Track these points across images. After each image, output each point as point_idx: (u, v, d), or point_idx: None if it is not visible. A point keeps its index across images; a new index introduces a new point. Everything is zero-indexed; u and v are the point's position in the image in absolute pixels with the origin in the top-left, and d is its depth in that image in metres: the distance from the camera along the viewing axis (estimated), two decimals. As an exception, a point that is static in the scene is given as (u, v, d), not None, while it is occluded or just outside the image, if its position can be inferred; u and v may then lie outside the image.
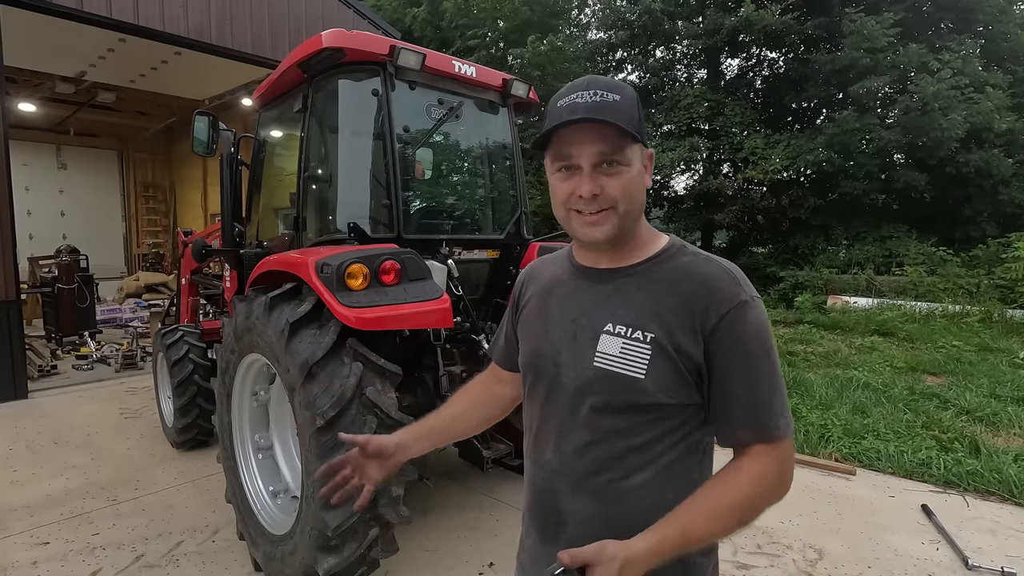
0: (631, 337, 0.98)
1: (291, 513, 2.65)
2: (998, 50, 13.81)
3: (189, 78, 9.63)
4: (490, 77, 3.38)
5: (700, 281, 0.98)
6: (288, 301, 2.50)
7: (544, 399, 1.08)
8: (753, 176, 13.22)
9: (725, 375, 0.96)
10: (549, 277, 1.16)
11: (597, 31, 17.79)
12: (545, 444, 1.08)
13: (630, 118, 0.94)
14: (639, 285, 1.02)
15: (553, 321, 1.09)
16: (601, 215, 0.97)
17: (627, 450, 1.00)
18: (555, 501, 1.06)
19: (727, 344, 0.95)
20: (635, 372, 0.96)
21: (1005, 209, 12.77)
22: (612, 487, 1.01)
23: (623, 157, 0.96)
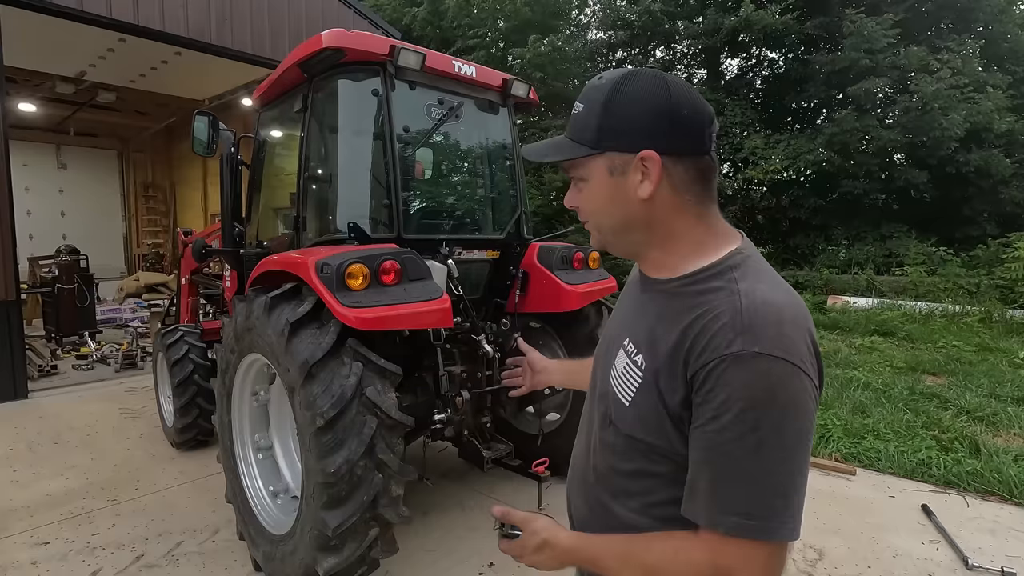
0: (633, 358, 0.91)
1: (291, 513, 2.65)
2: (998, 50, 13.81)
3: (189, 78, 9.63)
4: (490, 77, 3.38)
5: (702, 317, 0.81)
6: (288, 301, 2.50)
7: (587, 397, 1.10)
8: (753, 176, 13.22)
9: (694, 434, 0.80)
10: (633, 272, 1.08)
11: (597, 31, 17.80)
12: (578, 438, 1.11)
13: (584, 127, 0.88)
14: (657, 305, 0.91)
15: (611, 321, 1.10)
16: (586, 225, 0.98)
17: (617, 472, 0.94)
18: (570, 491, 1.10)
19: (702, 398, 0.78)
20: (624, 397, 0.90)
21: (1005, 209, 12.77)
22: (601, 501, 0.98)
23: (581, 172, 0.92)
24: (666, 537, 0.86)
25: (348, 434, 2.24)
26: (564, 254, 3.33)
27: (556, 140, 0.93)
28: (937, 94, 11.18)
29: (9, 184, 6.03)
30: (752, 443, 0.75)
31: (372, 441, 2.27)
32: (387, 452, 2.31)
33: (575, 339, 3.45)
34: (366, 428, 2.27)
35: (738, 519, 0.76)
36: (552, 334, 3.60)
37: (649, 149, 0.85)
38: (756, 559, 0.77)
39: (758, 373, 0.74)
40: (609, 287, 3.49)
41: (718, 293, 0.83)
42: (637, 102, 0.86)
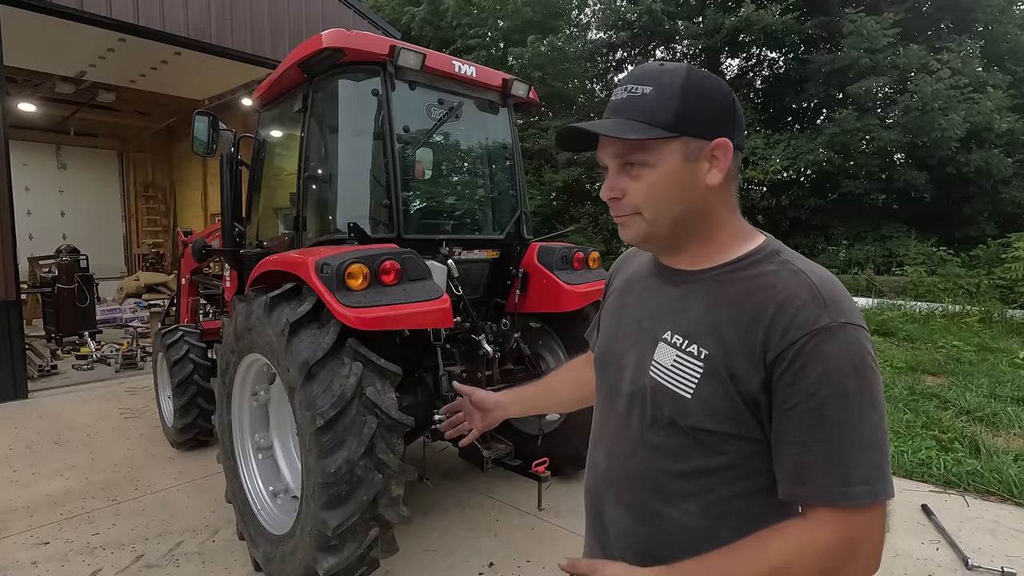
0: (685, 350, 0.88)
1: (291, 513, 2.65)
2: (998, 50, 13.82)
3: (189, 78, 9.63)
4: (490, 77, 3.38)
5: (773, 297, 0.81)
6: (288, 301, 2.50)
7: (605, 400, 1.04)
8: (753, 176, 13.23)
9: (784, 415, 0.79)
10: (633, 269, 1.09)
11: (597, 31, 17.81)
12: (598, 445, 1.05)
13: (660, 110, 0.84)
14: (705, 293, 0.90)
15: (625, 319, 1.03)
16: (628, 218, 0.92)
17: (671, 474, 0.90)
18: (601, 504, 1.03)
19: (792, 378, 0.78)
20: (682, 390, 0.87)
21: (1005, 209, 12.77)
22: (651, 508, 0.93)
23: (646, 157, 0.87)
24: (776, 534, 0.81)
25: (348, 434, 2.24)
26: (564, 254, 3.33)
27: (619, 121, 0.87)
28: (937, 94, 11.18)
29: (9, 184, 6.03)
30: (858, 410, 0.76)
31: (372, 441, 2.27)
32: (387, 452, 2.31)
33: (575, 339, 3.45)
34: (366, 428, 2.27)
35: (863, 487, 0.76)
36: (552, 334, 3.61)
37: (723, 137, 0.86)
38: (878, 521, 0.78)
39: (850, 342, 0.77)
40: (609, 287, 3.48)
41: (778, 274, 0.84)
42: (710, 91, 0.88)
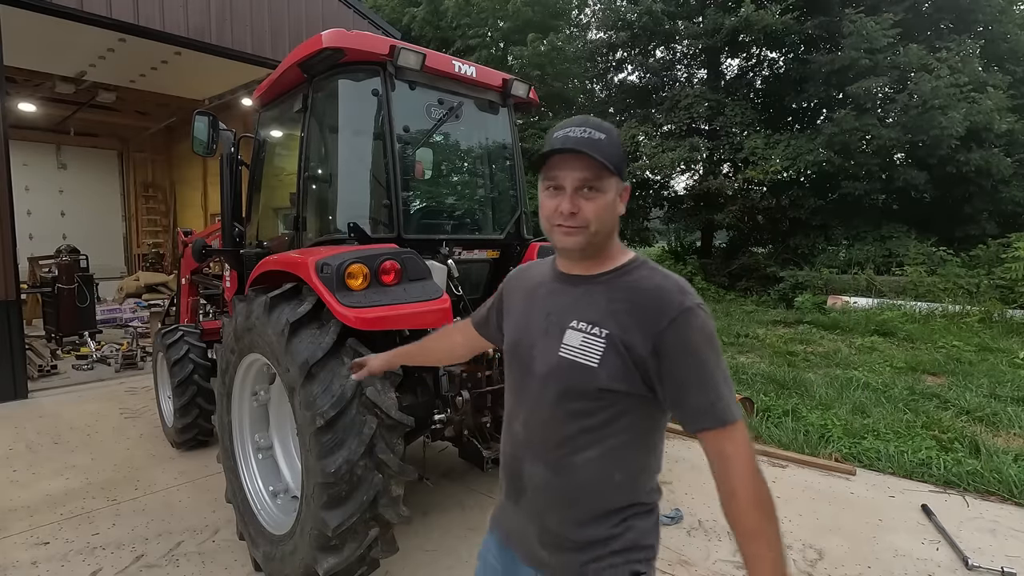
0: (590, 332, 1.15)
1: (291, 513, 2.65)
2: (998, 50, 13.81)
3: (189, 78, 9.63)
4: (490, 77, 3.38)
5: (652, 291, 1.15)
6: (288, 301, 2.50)
7: (519, 381, 1.28)
8: (753, 176, 13.22)
9: (679, 372, 1.10)
10: (535, 280, 1.35)
11: (597, 31, 17.79)
12: (515, 418, 1.28)
13: (611, 155, 1.13)
14: (603, 291, 1.19)
15: (533, 317, 1.28)
16: (575, 229, 1.15)
17: (579, 430, 1.17)
18: (518, 466, 1.26)
19: (678, 345, 1.09)
20: (590, 361, 1.13)
21: (1005, 208, 12.77)
22: (563, 461, 1.18)
23: (600, 185, 1.14)
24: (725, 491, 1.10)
25: (348, 434, 2.24)
26: None
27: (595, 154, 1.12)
28: (936, 92, 11.17)
29: (9, 184, 6.03)
30: (719, 361, 1.11)
31: (372, 441, 2.27)
32: (387, 452, 2.31)
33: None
34: (366, 428, 2.27)
35: (735, 409, 1.10)
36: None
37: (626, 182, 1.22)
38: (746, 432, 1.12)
39: (705, 317, 1.12)
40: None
41: (652, 274, 1.18)
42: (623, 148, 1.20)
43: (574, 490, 1.18)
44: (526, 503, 1.25)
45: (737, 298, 13.41)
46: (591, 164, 1.12)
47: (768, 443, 4.59)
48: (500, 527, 1.36)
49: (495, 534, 1.38)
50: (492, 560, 1.37)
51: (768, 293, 13.00)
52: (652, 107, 15.81)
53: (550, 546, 1.22)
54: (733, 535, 1.09)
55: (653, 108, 15.70)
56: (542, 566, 1.24)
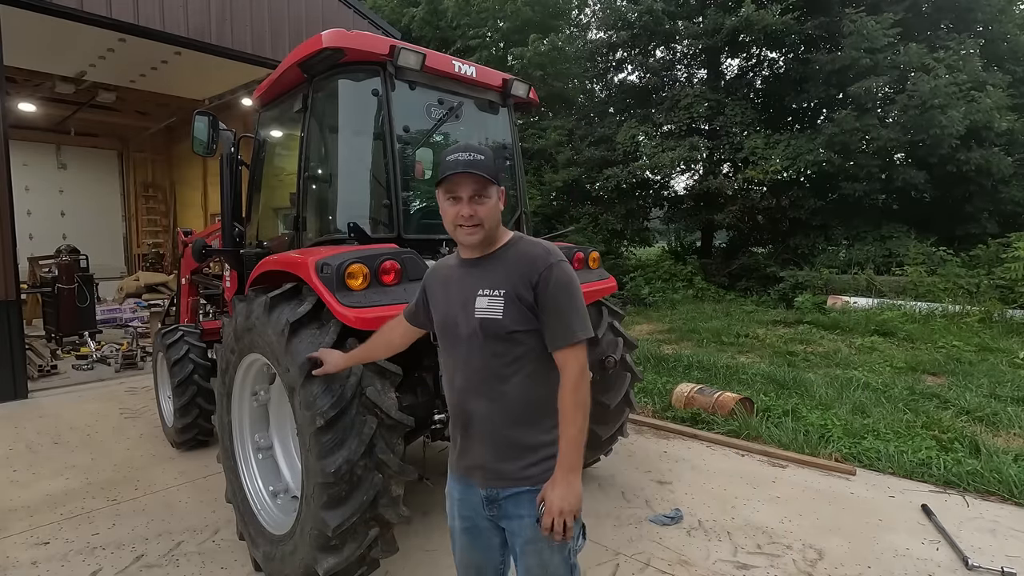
0: (492, 295, 1.57)
1: (291, 513, 2.65)
2: (998, 50, 13.79)
3: (189, 78, 9.64)
4: (490, 77, 3.38)
5: (528, 255, 1.59)
6: (288, 301, 2.50)
7: (451, 345, 1.67)
8: (753, 176, 13.20)
9: (547, 308, 1.55)
10: (446, 271, 1.75)
11: (597, 31, 17.77)
12: (454, 373, 1.66)
13: (491, 169, 1.54)
14: (495, 265, 1.61)
15: (451, 297, 1.67)
16: (475, 228, 1.56)
17: (502, 365, 1.58)
18: (465, 407, 1.63)
19: (544, 291, 1.54)
20: (496, 314, 1.55)
21: (1005, 208, 12.75)
22: (496, 390, 1.59)
23: (487, 193, 1.56)
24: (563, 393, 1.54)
25: (348, 434, 2.24)
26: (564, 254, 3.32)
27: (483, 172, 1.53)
28: (936, 92, 11.16)
29: (9, 184, 6.03)
30: (576, 298, 1.58)
31: (372, 441, 2.27)
32: (387, 452, 2.31)
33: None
34: (366, 428, 2.27)
35: (582, 332, 1.56)
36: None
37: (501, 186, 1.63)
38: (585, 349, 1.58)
39: (564, 268, 1.58)
40: (609, 287, 3.49)
41: (528, 245, 1.63)
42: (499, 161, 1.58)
43: (508, 409, 1.58)
44: (475, 431, 1.62)
45: (737, 298, 13.40)
46: (478, 179, 1.52)
47: (768, 443, 4.60)
48: (457, 467, 1.71)
49: (454, 474, 1.73)
50: (455, 494, 1.73)
51: (768, 293, 12.99)
52: (652, 107, 15.79)
53: (498, 458, 1.59)
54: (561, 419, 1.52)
55: (653, 108, 15.68)
56: (494, 480, 1.60)
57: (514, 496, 1.58)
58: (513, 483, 1.58)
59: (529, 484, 1.57)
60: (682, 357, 7.32)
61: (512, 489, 1.58)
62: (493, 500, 1.61)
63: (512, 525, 1.61)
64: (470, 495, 1.67)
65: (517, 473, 1.57)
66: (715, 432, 4.86)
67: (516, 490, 1.58)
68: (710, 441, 4.77)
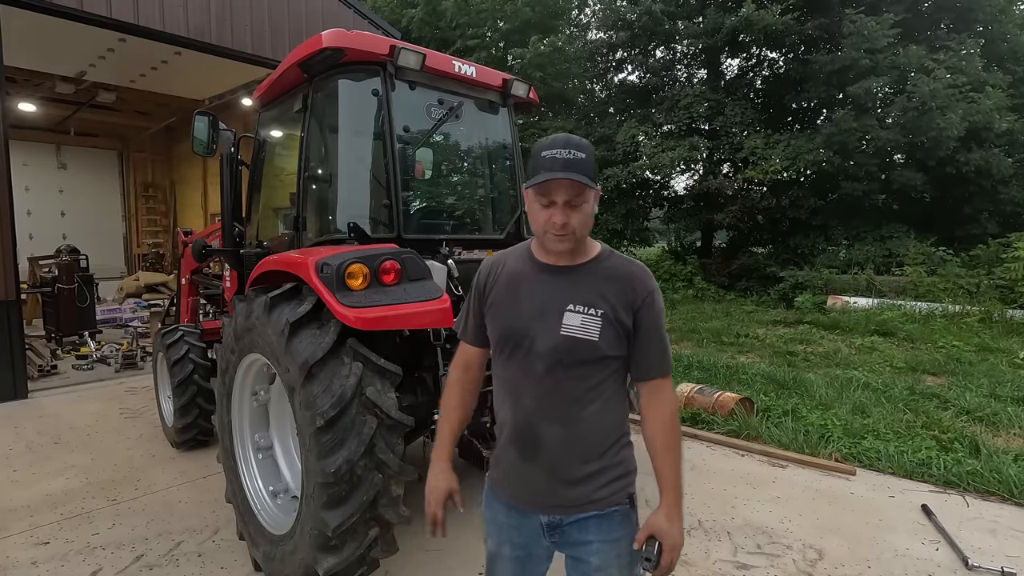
0: (587, 313, 1.42)
1: (291, 513, 2.65)
2: (998, 50, 13.80)
3: (189, 78, 9.63)
4: (490, 77, 3.38)
5: (628, 276, 1.46)
6: (288, 301, 2.50)
7: (521, 361, 1.47)
8: (753, 176, 13.21)
9: (647, 334, 1.45)
10: (512, 270, 1.54)
11: (597, 31, 17.77)
12: (523, 392, 1.48)
13: (589, 170, 1.36)
14: (587, 279, 1.45)
15: (522, 304, 1.48)
16: (566, 236, 1.40)
17: (585, 389, 1.45)
18: (534, 430, 1.47)
19: (646, 316, 1.44)
20: (591, 336, 1.41)
21: (1005, 208, 12.75)
22: (573, 415, 1.45)
23: (584, 199, 1.38)
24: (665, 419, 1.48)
25: (348, 434, 2.24)
26: None
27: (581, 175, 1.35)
28: (935, 93, 11.16)
29: (9, 184, 6.03)
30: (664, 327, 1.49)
31: (372, 441, 2.27)
32: (387, 452, 2.31)
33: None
34: (366, 428, 2.27)
35: (670, 363, 1.50)
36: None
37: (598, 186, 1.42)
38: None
39: (660, 295, 1.48)
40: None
41: (622, 262, 1.50)
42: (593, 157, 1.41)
43: (584, 437, 1.46)
44: (543, 458, 1.47)
45: (737, 298, 13.41)
46: (577, 183, 1.34)
47: (768, 443, 4.60)
48: (505, 489, 1.57)
49: (499, 498, 1.59)
50: (502, 518, 1.59)
51: (768, 293, 13.00)
52: (652, 107, 15.79)
53: (566, 485, 1.47)
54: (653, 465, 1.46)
55: (653, 108, 15.68)
56: (556, 508, 1.48)
57: (579, 522, 1.48)
58: (580, 509, 1.47)
59: (596, 508, 1.47)
60: (682, 357, 7.32)
61: (578, 515, 1.47)
62: (556, 527, 1.50)
63: (579, 551, 1.50)
64: (526, 522, 1.53)
65: (585, 498, 1.46)
66: (715, 432, 4.86)
67: (582, 516, 1.47)
68: (710, 441, 4.77)
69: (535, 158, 1.40)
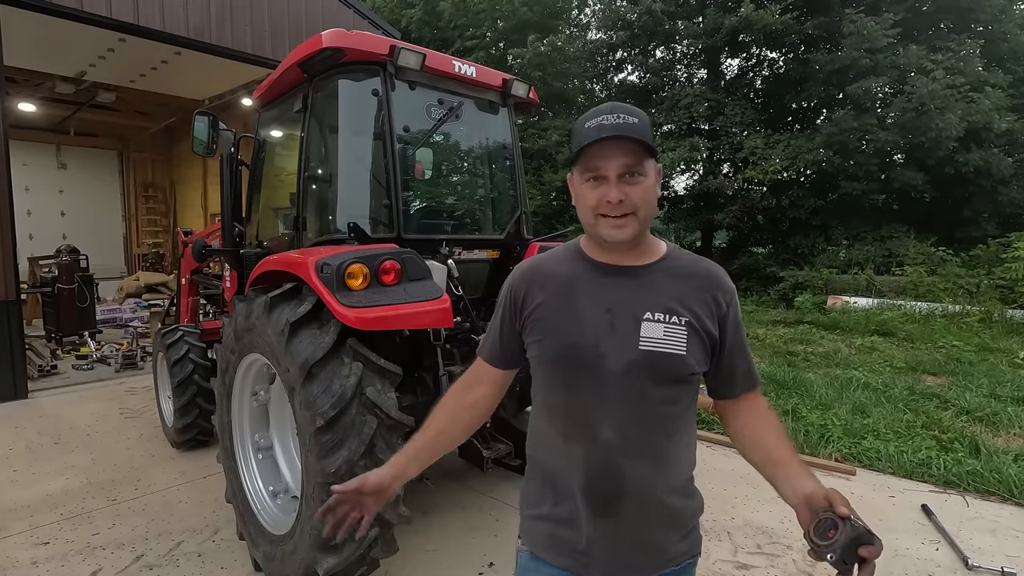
0: (670, 322, 1.16)
1: (291, 513, 2.65)
2: (998, 50, 13.80)
3: (189, 78, 9.63)
4: (490, 77, 3.38)
5: (706, 275, 1.23)
6: (288, 301, 2.50)
7: (591, 385, 1.17)
8: (753, 176, 13.22)
9: (732, 346, 1.24)
10: (563, 276, 1.25)
11: (597, 31, 17.79)
12: (600, 425, 1.17)
13: (646, 135, 1.11)
14: (660, 279, 1.20)
15: (584, 313, 1.19)
16: (625, 219, 1.13)
17: (671, 416, 1.20)
18: (617, 473, 1.16)
19: (732, 324, 1.23)
20: (678, 350, 1.15)
21: (1005, 209, 12.76)
22: (662, 449, 1.19)
23: (643, 168, 1.12)
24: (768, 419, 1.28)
25: (348, 434, 2.24)
26: None
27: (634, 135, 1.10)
28: (934, 94, 11.17)
29: (9, 184, 6.03)
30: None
31: (372, 441, 2.27)
32: (387, 452, 2.31)
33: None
34: (366, 428, 2.27)
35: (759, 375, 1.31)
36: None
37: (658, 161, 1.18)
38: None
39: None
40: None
41: (695, 260, 1.26)
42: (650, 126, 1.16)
43: (672, 474, 1.22)
44: (628, 505, 1.17)
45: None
46: (632, 148, 1.10)
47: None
48: (567, 556, 1.22)
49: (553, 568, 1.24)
50: None
51: (768, 293, 13.00)
52: (652, 107, 15.79)
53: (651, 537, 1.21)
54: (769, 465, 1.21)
55: (653, 108, 15.68)
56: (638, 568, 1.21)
57: None
58: (659, 567, 1.22)
59: (674, 564, 1.23)
60: (682, 357, 7.31)
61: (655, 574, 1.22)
62: None
63: None
64: None
65: (669, 551, 1.23)
66: (715, 432, 4.86)
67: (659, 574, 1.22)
68: (710, 441, 4.77)
69: (577, 133, 1.15)
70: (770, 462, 1.20)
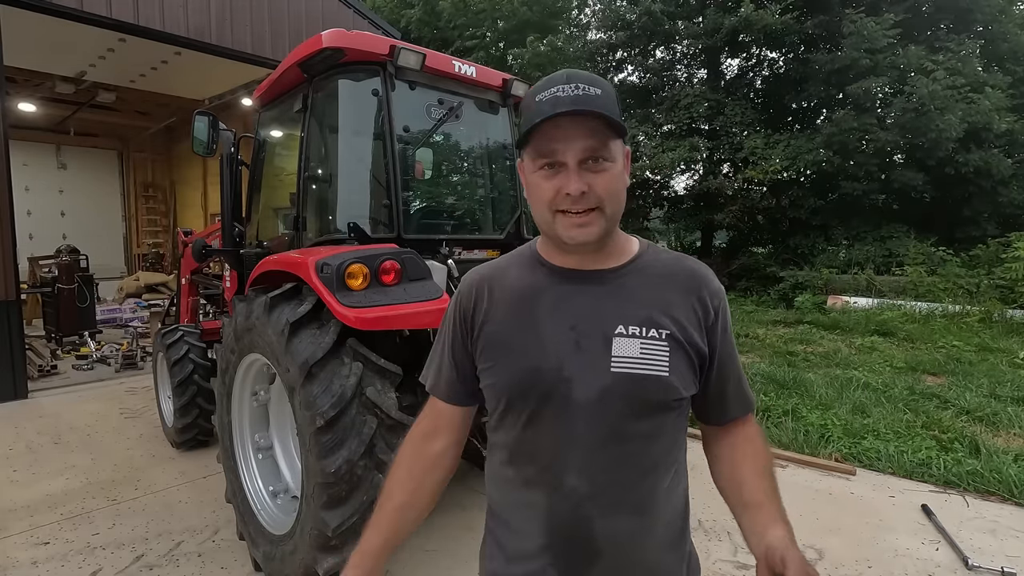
0: (647, 336, 0.94)
1: (291, 513, 2.65)
2: (998, 50, 13.80)
3: (189, 78, 9.63)
4: (490, 77, 3.38)
5: (689, 276, 1.03)
6: (288, 301, 2.50)
7: (554, 421, 0.95)
8: (753, 176, 13.22)
9: (722, 361, 1.03)
10: (515, 285, 1.03)
11: (597, 31, 17.78)
12: (565, 470, 0.95)
13: (612, 111, 0.89)
14: (636, 284, 0.99)
15: (546, 331, 0.97)
16: (589, 215, 0.91)
17: (657, 454, 0.98)
18: (587, 530, 0.95)
19: (721, 333, 1.02)
20: (659, 370, 0.94)
21: (1005, 209, 12.76)
22: (647, 496, 0.97)
23: (608, 152, 0.91)
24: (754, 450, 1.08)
25: (348, 434, 2.24)
26: None
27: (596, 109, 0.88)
28: (934, 94, 11.17)
29: (9, 184, 6.03)
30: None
31: (372, 441, 2.27)
32: (387, 452, 2.31)
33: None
34: (366, 428, 2.27)
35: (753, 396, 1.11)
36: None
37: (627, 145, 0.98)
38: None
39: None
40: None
41: (675, 258, 1.06)
42: (616, 99, 0.94)
43: (662, 524, 0.99)
44: (606, 570, 0.96)
45: (737, 298, 13.40)
46: (596, 127, 0.88)
47: (768, 443, 4.59)
48: None
49: None
50: None
51: (768, 293, 13.00)
52: (652, 107, 15.80)
53: None
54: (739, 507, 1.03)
55: (653, 108, 15.69)
56: None
57: None
58: None
59: None
60: (682, 357, 7.31)
61: None
62: None
63: None
64: None
65: None
66: (715, 432, 4.86)
67: None
68: (710, 441, 4.77)
69: (527, 109, 0.93)
70: (741, 504, 1.00)
